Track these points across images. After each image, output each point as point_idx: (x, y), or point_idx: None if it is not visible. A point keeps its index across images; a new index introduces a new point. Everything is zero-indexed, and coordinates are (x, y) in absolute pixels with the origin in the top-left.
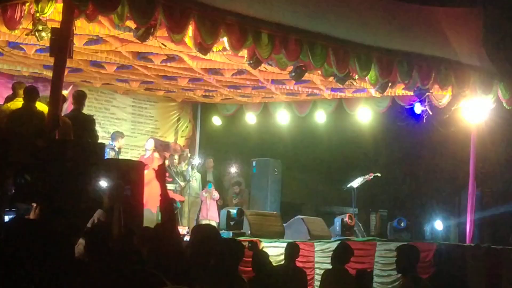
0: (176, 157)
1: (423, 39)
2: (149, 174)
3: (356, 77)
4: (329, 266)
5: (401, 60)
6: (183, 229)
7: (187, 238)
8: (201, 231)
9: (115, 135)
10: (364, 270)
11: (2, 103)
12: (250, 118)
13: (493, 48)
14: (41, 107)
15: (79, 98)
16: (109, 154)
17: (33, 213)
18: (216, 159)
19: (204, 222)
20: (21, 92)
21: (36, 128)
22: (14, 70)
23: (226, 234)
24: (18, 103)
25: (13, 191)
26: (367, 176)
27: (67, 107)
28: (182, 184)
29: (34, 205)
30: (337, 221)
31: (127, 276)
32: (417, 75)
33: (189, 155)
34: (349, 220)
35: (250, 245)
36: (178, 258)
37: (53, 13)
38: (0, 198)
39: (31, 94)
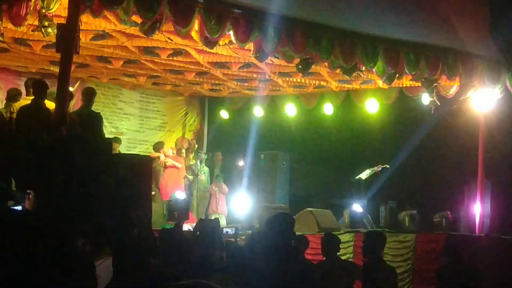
0: (183, 151)
1: (430, 29)
2: None
3: (363, 68)
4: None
5: (408, 51)
6: (191, 225)
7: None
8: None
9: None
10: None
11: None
12: (258, 111)
13: (501, 37)
14: (48, 104)
15: (88, 94)
16: None
17: (28, 202)
18: (224, 152)
19: (213, 215)
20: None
21: (43, 123)
22: (21, 66)
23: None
24: (27, 101)
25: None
26: (375, 168)
27: (74, 104)
28: (191, 178)
29: (29, 192)
30: (346, 213)
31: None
32: (424, 65)
33: (196, 146)
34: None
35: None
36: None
37: (59, 9)
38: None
39: (40, 89)
